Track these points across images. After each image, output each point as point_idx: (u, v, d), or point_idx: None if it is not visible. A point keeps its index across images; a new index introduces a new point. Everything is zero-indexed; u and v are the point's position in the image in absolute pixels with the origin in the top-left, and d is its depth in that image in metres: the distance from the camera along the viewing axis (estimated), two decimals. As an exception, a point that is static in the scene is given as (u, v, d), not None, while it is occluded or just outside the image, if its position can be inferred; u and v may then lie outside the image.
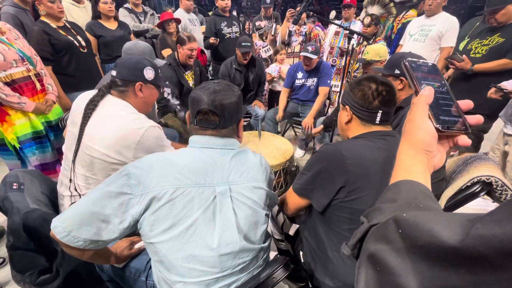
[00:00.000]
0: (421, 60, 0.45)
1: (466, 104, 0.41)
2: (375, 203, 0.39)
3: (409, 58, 0.45)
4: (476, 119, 0.40)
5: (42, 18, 1.87)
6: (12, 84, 1.53)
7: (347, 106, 0.94)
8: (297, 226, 1.20)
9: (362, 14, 3.20)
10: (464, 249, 0.23)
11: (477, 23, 2.44)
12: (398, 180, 0.40)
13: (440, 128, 0.38)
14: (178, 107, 2.18)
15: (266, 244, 0.85)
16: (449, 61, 2.10)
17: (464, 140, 0.40)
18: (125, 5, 3.13)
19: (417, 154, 0.40)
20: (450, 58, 2.10)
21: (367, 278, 0.30)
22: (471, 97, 1.88)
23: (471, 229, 0.23)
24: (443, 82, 0.43)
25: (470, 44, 2.11)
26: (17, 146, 1.60)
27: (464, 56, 2.03)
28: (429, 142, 0.39)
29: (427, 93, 0.40)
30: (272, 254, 0.98)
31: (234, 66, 2.64)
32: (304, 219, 1.17)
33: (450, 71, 2.44)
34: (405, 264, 0.27)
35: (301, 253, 1.08)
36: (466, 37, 2.21)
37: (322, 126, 2.23)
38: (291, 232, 1.21)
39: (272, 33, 3.43)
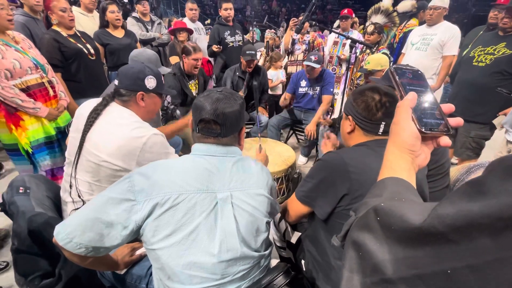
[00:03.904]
0: (408, 67, 0.48)
1: (448, 107, 0.44)
2: (364, 198, 0.42)
3: (395, 65, 0.47)
4: (456, 121, 0.43)
5: (54, 27, 1.94)
6: (27, 90, 1.59)
7: (349, 116, 0.93)
8: (299, 234, 1.20)
9: (368, 23, 3.25)
10: (425, 228, 0.26)
11: (481, 32, 2.46)
12: (384, 177, 0.43)
13: (423, 130, 0.41)
14: (176, 110, 2.20)
15: (267, 251, 0.85)
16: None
17: (445, 140, 0.43)
18: (133, 14, 3.21)
19: (402, 154, 0.43)
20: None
21: (350, 263, 0.33)
22: (475, 106, 1.86)
23: (431, 211, 0.26)
24: (427, 87, 0.46)
25: (473, 52, 2.11)
26: (30, 150, 1.64)
27: None
28: (412, 142, 0.42)
29: (410, 97, 0.42)
30: (274, 262, 0.98)
31: (237, 73, 2.68)
32: (306, 227, 1.16)
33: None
34: (383, 248, 0.30)
35: (303, 261, 1.07)
36: (470, 45, 2.22)
37: (331, 120, 2.23)
38: (293, 240, 1.21)
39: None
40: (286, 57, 3.41)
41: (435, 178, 1.16)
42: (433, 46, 2.51)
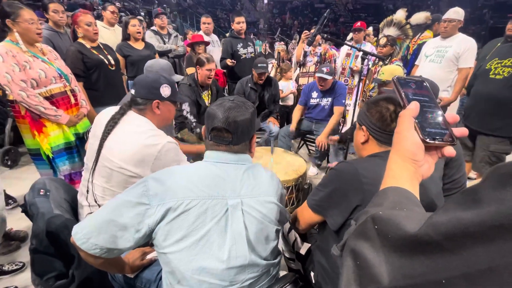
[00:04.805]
0: (411, 77, 0.48)
1: (452, 117, 0.43)
2: (365, 207, 0.42)
3: (398, 76, 0.48)
4: (461, 131, 0.42)
5: (79, 40, 2.09)
6: (50, 98, 1.69)
7: (363, 127, 0.93)
8: (309, 245, 1.18)
9: (380, 35, 3.26)
10: (420, 236, 0.26)
11: (498, 44, 2.41)
12: (386, 187, 0.42)
13: (426, 139, 0.41)
14: (194, 124, 2.27)
15: (276, 260, 0.84)
16: None
17: (449, 151, 0.42)
18: (152, 28, 3.38)
19: (405, 163, 0.42)
20: None
21: (348, 272, 0.33)
22: (494, 119, 1.81)
23: (427, 219, 0.26)
24: (431, 97, 0.46)
25: (489, 64, 2.06)
26: (51, 155, 1.73)
27: None
28: (414, 152, 0.42)
29: (412, 107, 0.42)
30: (282, 274, 0.97)
31: (249, 85, 2.73)
32: (317, 238, 1.14)
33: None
34: (379, 257, 0.30)
35: (312, 273, 1.05)
36: (486, 58, 2.18)
37: (337, 136, 2.22)
38: (303, 251, 1.19)
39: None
40: (298, 69, 3.45)
41: (451, 193, 1.13)
42: (448, 58, 2.48)
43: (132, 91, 1.14)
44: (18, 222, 1.81)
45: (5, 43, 1.57)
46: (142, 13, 9.13)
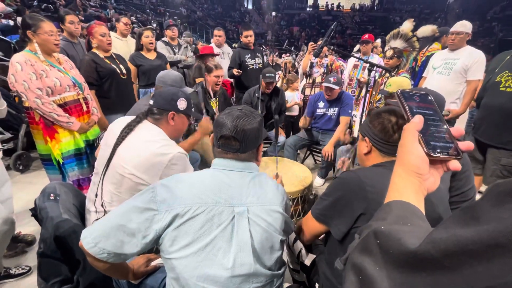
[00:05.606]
0: (416, 91, 0.48)
1: (457, 131, 0.43)
2: (370, 221, 0.41)
3: (402, 89, 0.48)
4: (466, 145, 0.41)
5: (93, 50, 2.18)
6: (64, 105, 1.76)
7: (366, 138, 0.94)
8: (314, 256, 1.16)
9: (386, 48, 3.28)
10: (420, 253, 0.25)
11: (508, 57, 2.39)
12: (390, 200, 0.42)
13: (431, 153, 0.40)
14: (196, 125, 2.29)
15: (281, 271, 0.84)
16: None
17: (454, 164, 0.41)
18: (163, 39, 3.49)
19: (409, 176, 0.42)
20: None
21: (351, 287, 0.33)
22: (505, 132, 1.77)
23: (427, 236, 0.26)
24: (435, 110, 0.45)
25: (499, 77, 2.05)
26: (61, 161, 1.77)
27: None
28: (419, 165, 0.41)
29: (416, 120, 0.42)
30: (287, 286, 0.95)
31: (256, 94, 2.77)
32: (322, 249, 1.13)
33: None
34: (381, 272, 0.29)
35: (317, 285, 1.03)
36: (496, 71, 2.16)
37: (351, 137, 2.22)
38: (307, 262, 1.17)
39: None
40: (304, 79, 3.49)
41: (458, 206, 1.11)
42: (456, 70, 2.47)
43: (151, 101, 1.19)
44: (26, 226, 1.84)
45: (24, 52, 1.64)
46: (154, 25, 9.44)
